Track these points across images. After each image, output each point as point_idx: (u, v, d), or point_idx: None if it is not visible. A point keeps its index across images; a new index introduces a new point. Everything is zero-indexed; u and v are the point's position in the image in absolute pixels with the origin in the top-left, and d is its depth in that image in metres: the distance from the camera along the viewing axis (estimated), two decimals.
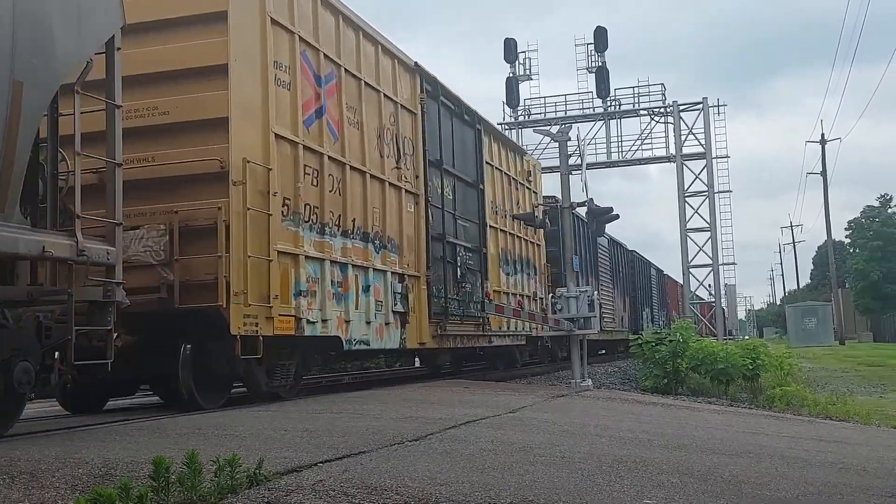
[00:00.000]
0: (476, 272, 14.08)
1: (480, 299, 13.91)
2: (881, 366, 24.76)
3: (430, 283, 12.17)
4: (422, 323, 11.88)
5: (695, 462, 5.48)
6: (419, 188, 12.23)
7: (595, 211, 15.42)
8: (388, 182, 11.19)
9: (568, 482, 4.33)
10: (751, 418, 10.18)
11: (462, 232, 13.78)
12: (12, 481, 3.73)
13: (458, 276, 13.16)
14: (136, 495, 3.08)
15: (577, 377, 13.66)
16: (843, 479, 5.43)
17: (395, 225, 11.35)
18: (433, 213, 12.55)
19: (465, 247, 13.66)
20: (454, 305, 12.99)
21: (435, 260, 12.46)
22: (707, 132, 38.79)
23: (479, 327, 14.28)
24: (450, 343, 13.09)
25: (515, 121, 41.10)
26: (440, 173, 13.04)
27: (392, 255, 11.17)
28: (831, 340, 48.73)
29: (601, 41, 39.50)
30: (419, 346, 12.07)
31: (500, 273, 15.57)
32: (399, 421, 6.65)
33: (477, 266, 14.23)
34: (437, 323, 12.37)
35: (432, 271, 12.27)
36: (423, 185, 12.28)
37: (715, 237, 38.95)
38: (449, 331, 12.78)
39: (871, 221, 65.65)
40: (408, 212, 11.79)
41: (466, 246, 13.79)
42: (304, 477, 3.93)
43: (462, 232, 13.78)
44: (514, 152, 17.71)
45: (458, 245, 13.40)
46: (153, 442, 5.10)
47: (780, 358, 16.92)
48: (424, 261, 12.14)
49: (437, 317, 12.39)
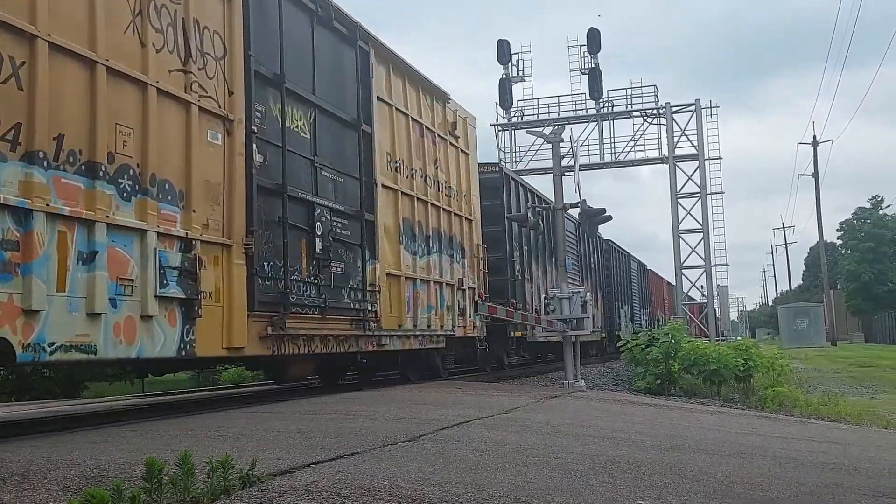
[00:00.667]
0: (355, 247, 10.27)
1: (361, 285, 10.34)
2: (872, 366, 24.86)
3: (254, 257, 8.07)
4: (233, 317, 7.78)
5: (688, 462, 5.49)
6: (234, 110, 8.05)
7: (588, 212, 15.46)
8: (159, 89, 7.06)
9: (561, 482, 4.33)
10: (743, 419, 10.21)
11: (329, 188, 9.85)
12: (3, 483, 3.71)
13: (319, 249, 9.37)
14: (129, 496, 3.07)
15: (570, 378, 13.69)
16: (835, 479, 5.44)
17: (176, 160, 7.29)
18: (266, 153, 8.50)
19: (333, 209, 9.75)
20: (307, 292, 9.15)
21: (268, 223, 8.49)
22: (700, 134, 38.87)
23: (359, 324, 10.20)
24: (297, 348, 8.97)
25: (509, 122, 41.16)
26: (282, 97, 8.98)
27: (167, 207, 7.09)
28: (823, 341, 48.92)
29: (594, 42, 39.57)
30: (228, 354, 8.03)
31: (400, 251, 11.56)
32: (392, 422, 6.64)
33: (357, 239, 10.32)
34: (270, 317, 8.35)
35: (260, 239, 8.25)
36: (242, 107, 8.16)
37: (707, 238, 39.03)
38: (294, 329, 8.76)
39: (863, 223, 65.94)
40: (207, 143, 7.72)
41: (336, 209, 9.85)
42: (297, 478, 3.93)
43: (329, 188, 9.85)
44: (429, 95, 13.21)
45: (320, 206, 9.49)
46: (145, 443, 5.09)
47: (772, 359, 16.97)
48: (242, 222, 7.98)
49: (270, 308, 8.35)
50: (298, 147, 9.28)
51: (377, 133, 11.12)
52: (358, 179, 10.59)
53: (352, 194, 10.44)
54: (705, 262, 39.33)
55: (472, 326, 14.05)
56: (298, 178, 9.20)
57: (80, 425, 7.17)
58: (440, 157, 13.34)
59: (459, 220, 14.05)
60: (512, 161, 39.93)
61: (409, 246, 11.95)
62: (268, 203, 8.54)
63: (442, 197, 13.27)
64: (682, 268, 39.94)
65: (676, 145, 39.26)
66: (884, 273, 62.08)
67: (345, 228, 10.13)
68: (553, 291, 14.43)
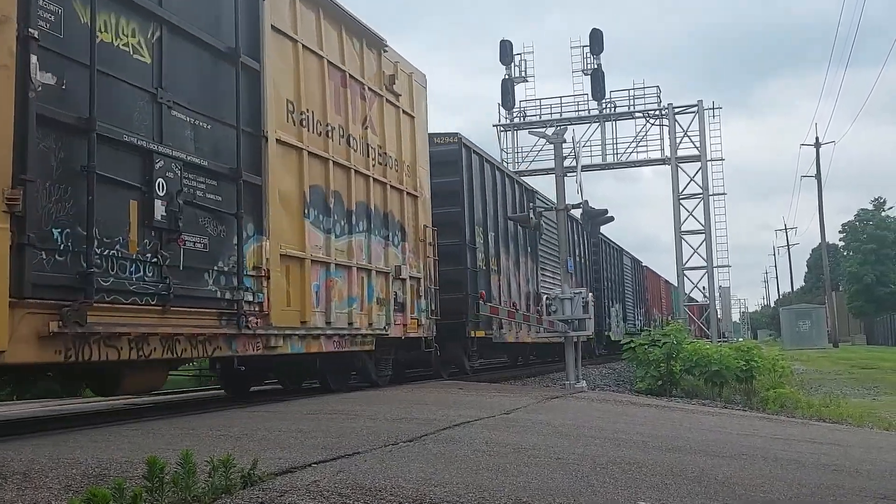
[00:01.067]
0: (227, 217, 7.81)
1: (237, 268, 7.86)
2: (874, 368, 24.84)
3: (29, 219, 5.61)
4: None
5: (689, 464, 5.48)
6: None
7: (590, 213, 15.47)
8: None
9: (562, 483, 4.33)
10: (745, 420, 10.20)
11: (185, 136, 7.41)
12: (5, 482, 3.72)
13: (161, 216, 6.92)
14: (131, 495, 3.07)
15: (572, 379, 13.68)
16: (837, 480, 5.44)
17: None
18: (63, 74, 6.08)
19: (189, 164, 7.33)
20: (137, 274, 6.65)
21: (65, 174, 6.03)
22: (702, 135, 38.91)
23: (231, 320, 7.72)
24: (116, 352, 6.38)
25: (511, 122, 41.18)
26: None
27: None
28: (825, 343, 48.89)
29: (596, 43, 39.62)
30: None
31: (306, 228, 9.04)
32: (394, 422, 6.65)
33: (230, 206, 7.85)
34: (58, 308, 5.81)
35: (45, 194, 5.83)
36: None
37: (709, 239, 39.05)
38: (107, 326, 6.25)
39: (865, 224, 65.90)
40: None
41: (196, 164, 7.40)
42: (299, 477, 3.93)
43: (185, 136, 7.41)
44: (358, 38, 10.65)
45: (165, 157, 7.02)
46: (147, 442, 5.10)
47: (773, 360, 16.97)
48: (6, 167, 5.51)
49: (60, 294, 5.86)
50: (127, 73, 6.73)
51: (271, 73, 8.62)
52: (235, 128, 7.99)
53: (225, 148, 7.90)
54: (707, 263, 39.34)
55: (415, 325, 11.66)
56: (125, 116, 6.68)
57: (82, 424, 7.18)
58: (372, 116, 10.75)
59: (399, 196, 11.49)
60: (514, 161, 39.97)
61: (321, 222, 9.35)
62: (65, 144, 6.04)
63: (374, 165, 10.71)
64: (684, 269, 39.94)
65: (679, 146, 39.28)
66: (886, 275, 62.05)
67: (211, 192, 7.61)
68: (555, 292, 14.42)
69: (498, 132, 41.20)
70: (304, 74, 9.31)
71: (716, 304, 40.69)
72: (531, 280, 18.81)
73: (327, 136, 9.68)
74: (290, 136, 8.95)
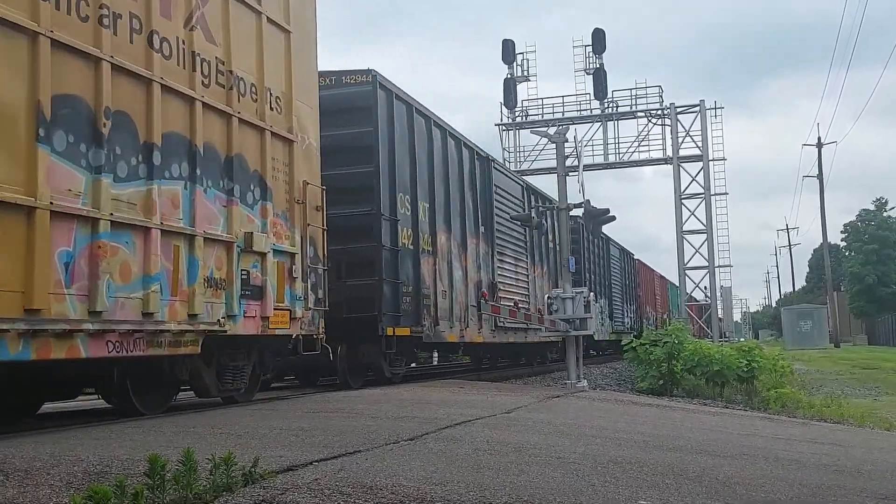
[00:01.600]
0: None
1: None
2: (876, 368, 24.85)
3: None
4: None
5: (690, 463, 5.48)
6: None
7: (592, 212, 15.45)
8: None
9: (563, 482, 4.33)
10: (746, 420, 10.20)
11: None
12: (7, 479, 3.72)
13: None
14: (132, 493, 3.07)
15: (573, 378, 13.69)
16: (838, 480, 5.44)
17: None
18: None
19: None
20: None
21: None
22: (704, 135, 38.90)
23: None
24: None
25: (513, 121, 41.19)
26: None
27: None
28: (826, 343, 48.90)
29: (599, 43, 39.61)
30: None
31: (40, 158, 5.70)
32: (395, 420, 6.65)
33: None
34: None
35: None
36: None
37: (711, 239, 39.05)
38: None
39: (867, 225, 65.90)
40: None
41: None
42: (300, 475, 3.93)
43: None
44: None
45: None
46: (149, 440, 5.10)
47: (773, 360, 16.99)
48: None
49: None
50: None
51: None
52: None
53: None
54: (709, 262, 39.33)
55: (284, 318, 8.52)
56: None
57: (84, 422, 7.18)
58: (207, 15, 7.67)
59: (259, 136, 8.33)
60: (516, 161, 39.97)
61: (81, 154, 6.11)
62: None
63: (205, 84, 7.54)
64: (685, 268, 39.93)
65: (680, 146, 39.28)
66: (888, 275, 62.06)
67: None
68: (556, 291, 14.42)
69: (500, 131, 41.22)
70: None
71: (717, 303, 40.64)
72: (485, 267, 15.38)
73: (100, 24, 6.33)
74: (10, 7, 5.59)
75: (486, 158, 16.09)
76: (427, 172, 13.04)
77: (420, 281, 12.28)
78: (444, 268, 13.43)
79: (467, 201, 14.75)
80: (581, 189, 15.91)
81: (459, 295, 13.95)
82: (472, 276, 14.70)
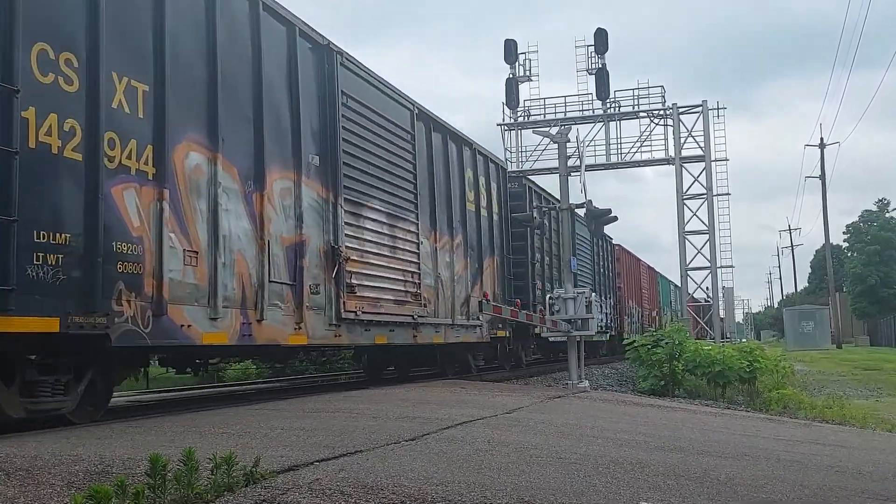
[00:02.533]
0: None
1: None
2: (878, 369, 24.81)
3: None
4: None
5: (691, 464, 5.48)
6: None
7: (594, 212, 15.44)
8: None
9: (564, 483, 4.33)
10: (747, 421, 10.19)
11: None
12: (8, 478, 3.72)
13: None
14: (133, 493, 3.08)
15: (574, 378, 13.68)
16: (839, 481, 5.43)
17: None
18: None
19: None
20: None
21: None
22: (706, 135, 38.84)
23: None
24: None
25: (515, 122, 41.16)
26: None
27: None
28: (828, 344, 48.84)
29: (601, 43, 39.54)
30: None
31: None
32: (396, 420, 6.65)
33: None
34: None
35: None
36: None
37: (713, 240, 38.98)
38: None
39: (869, 225, 65.83)
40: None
41: None
42: (301, 475, 3.93)
43: None
44: None
45: None
46: (150, 440, 5.10)
47: (775, 360, 16.97)
48: None
49: None
50: None
51: None
52: None
53: None
54: (711, 263, 39.27)
55: None
56: None
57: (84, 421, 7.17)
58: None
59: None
60: (518, 161, 39.94)
61: None
62: None
63: None
64: (687, 269, 39.88)
65: (683, 146, 39.23)
66: (890, 276, 61.98)
67: None
68: (558, 291, 14.39)
69: (502, 131, 41.17)
70: None
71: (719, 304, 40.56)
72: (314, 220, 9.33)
73: None
74: None
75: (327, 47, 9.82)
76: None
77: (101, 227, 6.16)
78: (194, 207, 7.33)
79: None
80: (583, 189, 15.88)
81: (238, 261, 7.93)
82: (277, 230, 8.62)
